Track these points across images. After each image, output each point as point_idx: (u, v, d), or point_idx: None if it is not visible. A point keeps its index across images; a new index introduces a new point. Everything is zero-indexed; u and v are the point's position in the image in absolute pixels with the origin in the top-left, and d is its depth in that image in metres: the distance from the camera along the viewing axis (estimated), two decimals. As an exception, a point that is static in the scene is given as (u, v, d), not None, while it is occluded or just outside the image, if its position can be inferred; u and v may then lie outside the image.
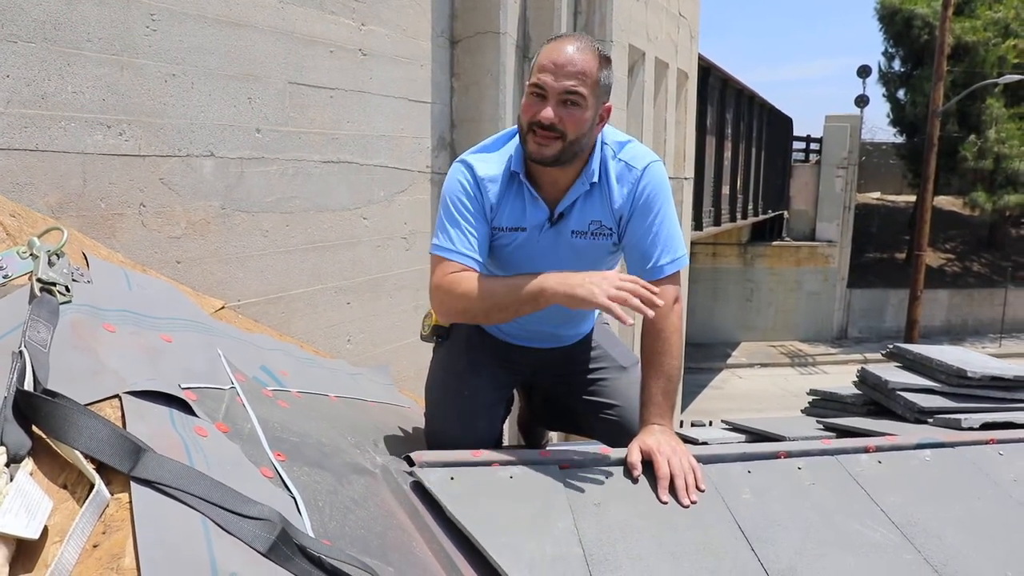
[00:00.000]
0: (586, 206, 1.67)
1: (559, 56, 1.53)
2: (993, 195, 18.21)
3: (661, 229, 1.66)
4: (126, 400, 1.17)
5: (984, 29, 17.95)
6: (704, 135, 11.93)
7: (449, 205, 1.64)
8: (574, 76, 1.52)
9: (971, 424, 1.95)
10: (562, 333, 1.93)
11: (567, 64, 1.52)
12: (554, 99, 1.53)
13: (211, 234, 2.45)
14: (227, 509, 1.01)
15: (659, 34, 6.43)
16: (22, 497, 0.92)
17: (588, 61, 1.54)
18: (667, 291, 1.65)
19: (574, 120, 1.54)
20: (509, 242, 1.71)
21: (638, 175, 1.65)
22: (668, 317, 1.64)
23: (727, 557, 1.37)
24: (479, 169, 1.66)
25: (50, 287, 1.34)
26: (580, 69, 1.52)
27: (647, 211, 1.65)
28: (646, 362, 1.65)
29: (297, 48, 2.76)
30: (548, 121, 1.53)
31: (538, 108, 1.54)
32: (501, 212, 1.68)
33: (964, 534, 1.50)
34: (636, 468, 1.52)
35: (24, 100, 1.85)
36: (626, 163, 1.66)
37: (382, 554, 1.21)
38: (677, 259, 1.67)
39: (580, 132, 1.56)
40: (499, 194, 1.66)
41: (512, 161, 1.66)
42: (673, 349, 1.64)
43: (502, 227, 1.69)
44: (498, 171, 1.66)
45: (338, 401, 1.85)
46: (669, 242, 1.66)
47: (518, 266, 1.75)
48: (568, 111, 1.53)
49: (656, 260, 1.65)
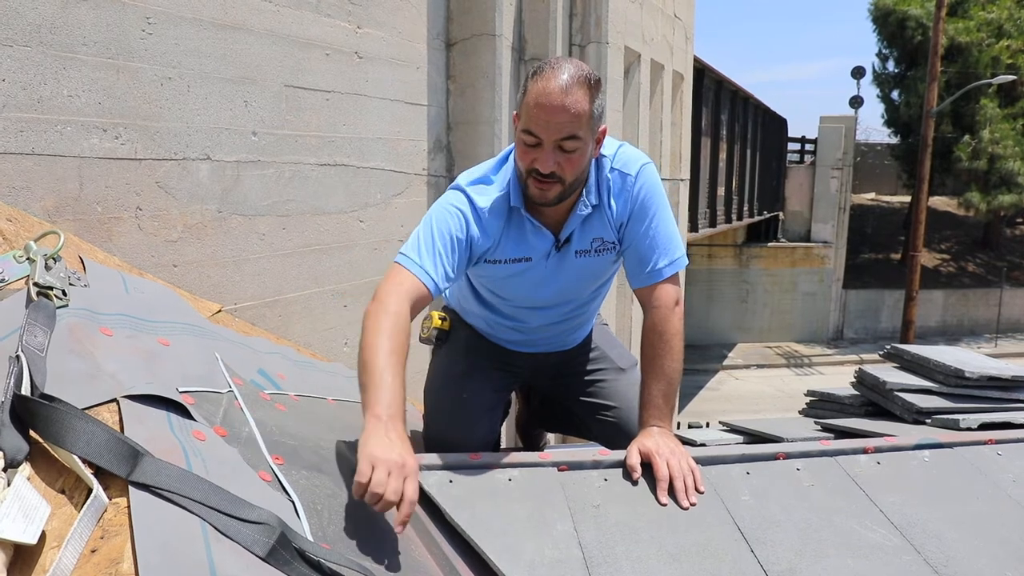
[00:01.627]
0: (587, 226, 1.66)
1: (549, 99, 1.42)
2: (988, 195, 18.27)
3: (658, 232, 1.65)
4: (124, 404, 1.16)
5: (977, 30, 18.02)
6: (699, 137, 11.96)
7: (432, 225, 1.57)
8: (568, 124, 1.44)
9: (969, 424, 1.95)
10: (565, 339, 1.93)
11: (559, 111, 1.42)
12: (550, 146, 1.47)
13: (208, 237, 2.44)
14: (226, 513, 1.01)
15: (655, 36, 6.44)
16: (20, 502, 0.92)
17: (579, 101, 1.43)
18: (667, 293, 1.65)
19: (572, 164, 1.49)
20: (513, 272, 1.69)
21: (632, 180, 1.63)
22: (669, 319, 1.64)
23: (727, 558, 1.37)
24: (480, 202, 1.60)
25: (47, 291, 1.34)
26: (574, 114, 1.43)
27: (643, 215, 1.64)
28: (646, 364, 1.64)
29: (293, 51, 2.76)
30: (547, 171, 1.48)
31: (534, 156, 1.48)
32: (503, 245, 1.64)
33: (963, 534, 1.51)
34: (635, 470, 1.51)
35: (20, 104, 1.84)
36: (619, 171, 1.64)
37: (381, 558, 1.21)
38: (675, 261, 1.66)
39: (580, 171, 1.54)
40: (499, 228, 1.62)
41: (510, 195, 1.61)
42: (674, 351, 1.63)
43: (503, 259, 1.65)
44: (497, 205, 1.61)
45: (336, 404, 1.85)
46: (667, 244, 1.66)
47: (523, 291, 1.75)
48: (566, 156, 1.48)
49: (655, 263, 1.65)
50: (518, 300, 1.80)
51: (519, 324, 1.86)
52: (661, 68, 6.78)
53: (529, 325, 1.86)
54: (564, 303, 1.81)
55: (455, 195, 1.63)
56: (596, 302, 1.90)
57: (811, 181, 19.17)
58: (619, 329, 5.96)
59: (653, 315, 1.65)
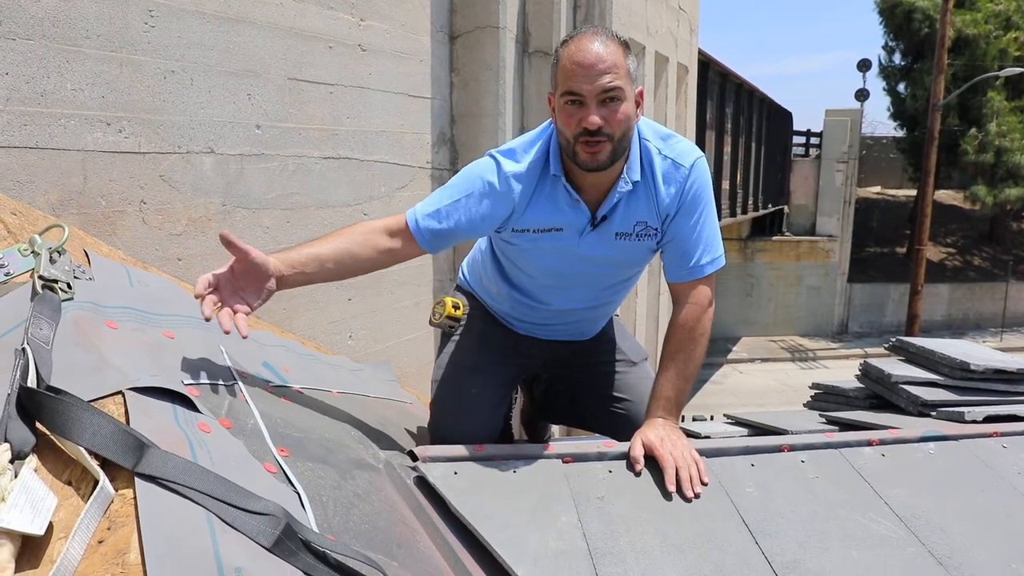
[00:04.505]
0: (630, 206, 1.61)
1: (586, 56, 1.44)
2: (994, 189, 18.18)
3: (704, 228, 1.62)
4: (129, 396, 1.17)
5: (985, 22, 17.89)
6: (704, 130, 11.92)
7: (451, 184, 1.60)
8: (608, 72, 1.44)
9: (974, 417, 1.95)
10: (584, 328, 1.91)
11: (597, 62, 1.44)
12: (593, 102, 1.46)
13: (212, 231, 2.45)
14: (231, 504, 1.01)
15: (659, 28, 6.42)
16: (27, 494, 0.92)
17: (615, 52, 1.46)
18: (704, 291, 1.63)
19: (619, 117, 1.48)
20: (540, 245, 1.65)
21: (686, 173, 1.59)
22: (701, 319, 1.62)
23: (731, 550, 1.37)
24: (507, 167, 1.58)
25: (52, 284, 1.34)
26: (612, 63, 1.45)
27: (693, 209, 1.61)
28: (667, 357, 1.62)
29: (296, 44, 2.76)
30: (595, 126, 1.45)
31: (581, 115, 1.47)
32: (530, 212, 1.60)
33: (968, 527, 1.50)
34: (639, 462, 1.51)
35: (23, 97, 1.84)
36: (673, 160, 1.60)
37: (386, 549, 1.21)
38: (716, 259, 1.64)
39: (628, 127, 1.51)
40: (528, 194, 1.59)
41: (550, 163, 1.58)
42: (699, 350, 1.62)
43: (531, 228, 1.62)
44: (528, 170, 1.58)
45: (340, 397, 1.85)
46: (711, 241, 1.63)
47: (555, 268, 1.71)
48: (610, 110, 1.47)
49: (698, 259, 1.62)
50: (546, 278, 1.75)
51: (545, 306, 1.81)
52: (666, 61, 6.75)
53: (551, 307, 1.81)
54: (593, 287, 1.77)
55: (483, 160, 1.63)
56: (624, 291, 1.87)
57: (816, 174, 19.10)
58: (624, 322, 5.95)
59: (687, 312, 1.62)
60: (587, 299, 1.80)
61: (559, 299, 1.80)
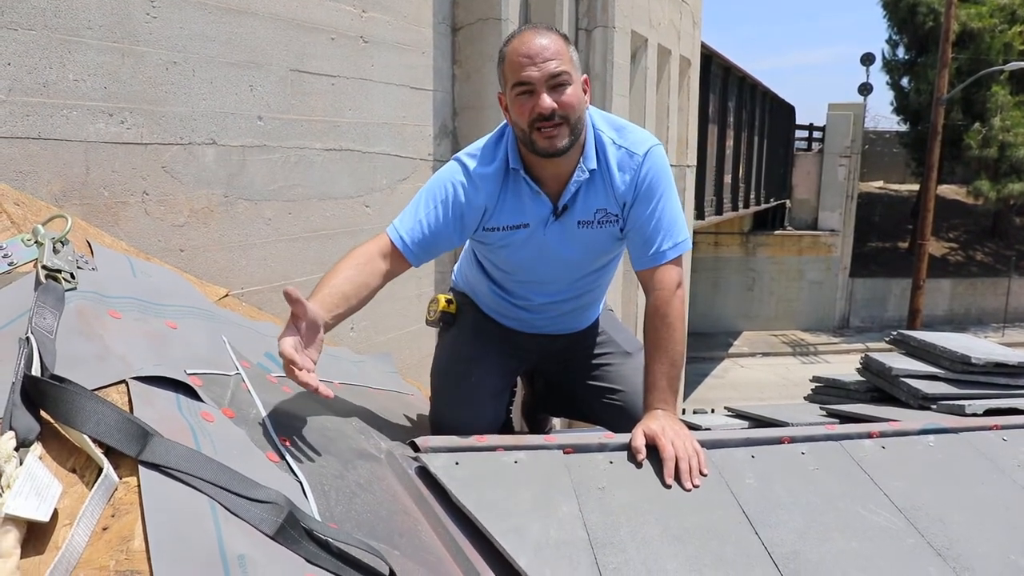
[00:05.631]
0: (589, 195, 1.66)
1: (530, 47, 1.53)
2: (997, 184, 18.13)
3: (664, 214, 1.65)
4: (133, 385, 1.17)
5: (990, 15, 17.81)
6: (706, 123, 11.88)
7: (422, 193, 1.67)
8: (553, 58, 1.52)
9: (975, 410, 1.95)
10: (571, 321, 1.94)
11: (541, 51, 1.52)
12: (544, 88, 1.53)
13: (214, 222, 2.45)
14: (234, 492, 1.02)
15: (662, 20, 6.39)
16: (32, 481, 0.93)
17: (557, 41, 1.55)
18: (670, 276, 1.65)
19: (570, 100, 1.54)
20: (512, 241, 1.70)
21: (639, 161, 1.64)
22: (671, 302, 1.64)
23: (731, 540, 1.37)
24: (472, 166, 1.66)
25: (55, 274, 1.35)
26: (555, 50, 1.53)
27: (649, 197, 1.65)
28: (650, 347, 1.65)
29: (298, 35, 2.75)
30: (549, 110, 1.52)
31: (532, 103, 1.54)
32: (500, 211, 1.67)
33: (967, 518, 1.51)
34: (640, 452, 1.52)
35: (26, 88, 1.84)
36: (627, 149, 1.65)
37: (388, 538, 1.22)
38: (679, 243, 1.67)
39: (580, 110, 1.57)
40: (496, 193, 1.66)
41: (508, 158, 1.65)
42: (676, 334, 1.64)
43: (501, 226, 1.68)
44: (494, 169, 1.65)
45: (342, 388, 1.86)
46: (672, 227, 1.66)
47: (525, 262, 1.75)
48: (560, 93, 1.54)
49: (658, 246, 1.65)
50: (522, 273, 1.81)
51: (525, 301, 1.86)
52: (668, 53, 6.73)
53: (534, 303, 1.86)
54: (568, 278, 1.81)
55: (449, 165, 1.70)
56: (602, 281, 1.90)
57: (819, 169, 19.06)
58: (625, 315, 5.95)
59: (656, 298, 1.66)
60: (563, 292, 1.85)
61: (536, 294, 1.85)
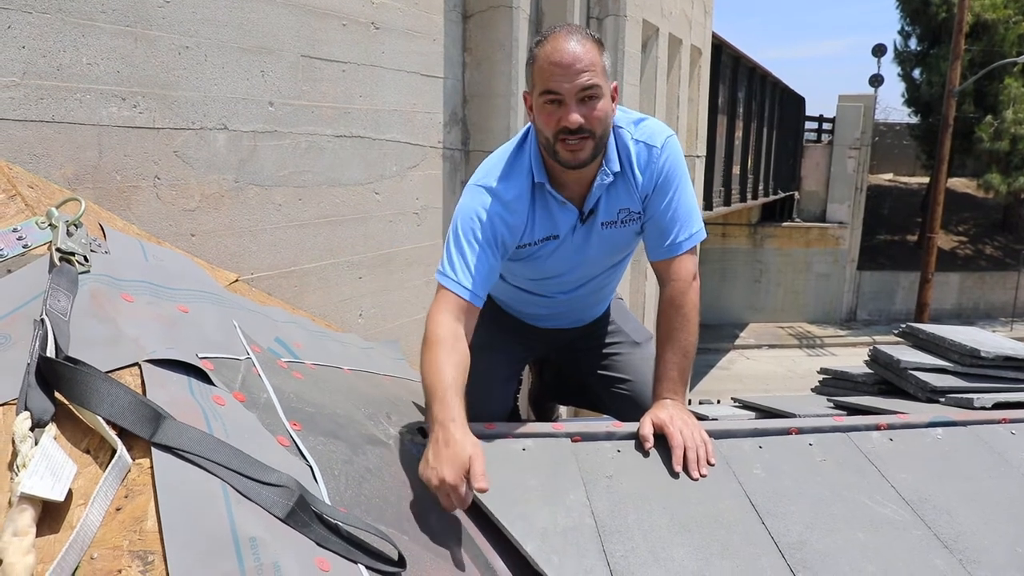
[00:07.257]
0: (612, 196, 1.64)
1: (563, 56, 1.46)
2: (1008, 177, 17.98)
3: (680, 205, 1.64)
4: (145, 368, 1.18)
5: (1004, 7, 17.60)
6: (716, 114, 11.82)
7: (459, 232, 1.58)
8: (585, 71, 1.46)
9: (983, 403, 1.95)
10: (585, 314, 1.94)
11: (574, 62, 1.46)
12: (572, 100, 1.47)
13: (225, 207, 2.46)
14: (246, 476, 1.03)
15: (673, 9, 6.35)
16: (47, 461, 0.94)
17: (591, 51, 1.48)
18: (685, 266, 1.65)
19: (599, 115, 1.50)
20: (542, 252, 1.69)
21: (658, 153, 1.62)
22: (686, 293, 1.64)
23: (738, 530, 1.38)
24: (502, 192, 1.59)
25: (69, 257, 1.35)
26: (589, 62, 1.47)
27: (666, 188, 1.64)
28: (662, 337, 1.65)
29: (309, 21, 2.74)
30: (576, 125, 1.47)
31: (560, 114, 1.48)
32: (532, 227, 1.64)
33: (974, 511, 1.51)
34: (648, 441, 1.53)
35: (40, 71, 1.85)
36: (645, 143, 1.63)
37: (397, 523, 1.23)
38: (694, 234, 1.66)
39: (607, 123, 1.54)
40: (527, 212, 1.61)
41: (533, 173, 1.61)
42: (690, 325, 1.63)
43: (532, 241, 1.65)
44: (522, 187, 1.60)
45: (351, 373, 1.87)
46: (687, 218, 1.65)
47: (552, 268, 1.74)
48: (589, 108, 1.48)
49: (675, 237, 1.65)
50: (543, 277, 1.80)
51: (544, 300, 1.86)
52: (679, 42, 6.69)
53: (554, 300, 1.86)
54: (587, 276, 1.81)
55: (476, 195, 1.60)
56: (618, 274, 1.90)
57: (828, 161, 18.94)
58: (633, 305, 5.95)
59: (671, 288, 1.65)
60: (583, 289, 1.84)
61: (559, 293, 1.84)
